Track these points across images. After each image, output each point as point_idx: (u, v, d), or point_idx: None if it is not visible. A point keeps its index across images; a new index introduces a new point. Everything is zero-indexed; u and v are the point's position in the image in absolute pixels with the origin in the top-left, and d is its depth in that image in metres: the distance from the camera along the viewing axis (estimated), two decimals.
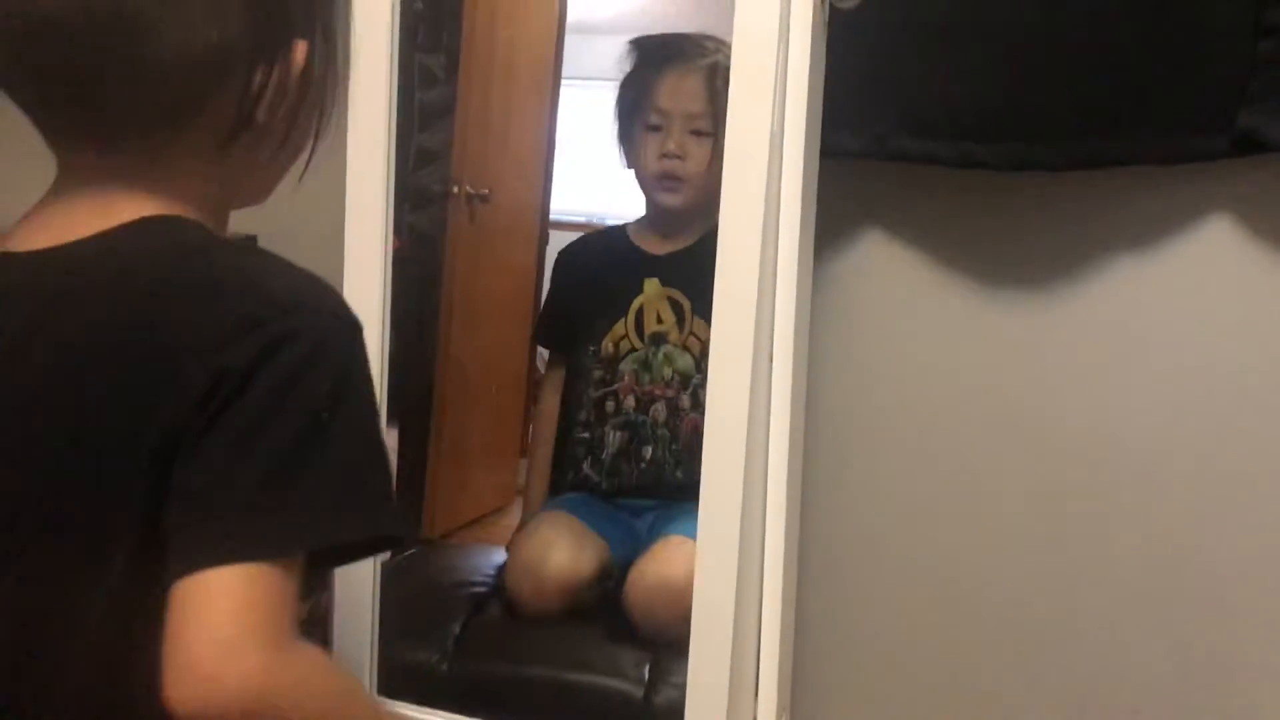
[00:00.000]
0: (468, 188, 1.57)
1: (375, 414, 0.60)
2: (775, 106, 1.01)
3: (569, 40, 1.73)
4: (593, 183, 1.87)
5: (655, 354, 1.30)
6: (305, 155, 0.67)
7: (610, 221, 1.71)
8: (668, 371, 1.30)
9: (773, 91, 1.01)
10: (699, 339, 1.28)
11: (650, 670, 1.18)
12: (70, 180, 0.62)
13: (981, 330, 1.18)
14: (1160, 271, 1.12)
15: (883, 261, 1.19)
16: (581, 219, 1.96)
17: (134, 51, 0.57)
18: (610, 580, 1.28)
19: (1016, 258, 1.17)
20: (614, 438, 1.32)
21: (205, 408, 0.55)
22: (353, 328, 0.59)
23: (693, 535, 1.17)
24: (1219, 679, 1.16)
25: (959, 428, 1.20)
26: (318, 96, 0.65)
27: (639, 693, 1.17)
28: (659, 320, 1.31)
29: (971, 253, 1.17)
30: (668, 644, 1.17)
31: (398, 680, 1.17)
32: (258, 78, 0.61)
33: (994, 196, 1.15)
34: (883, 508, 1.24)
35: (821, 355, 1.17)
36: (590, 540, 1.28)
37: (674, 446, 1.30)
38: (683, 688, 1.06)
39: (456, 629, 1.24)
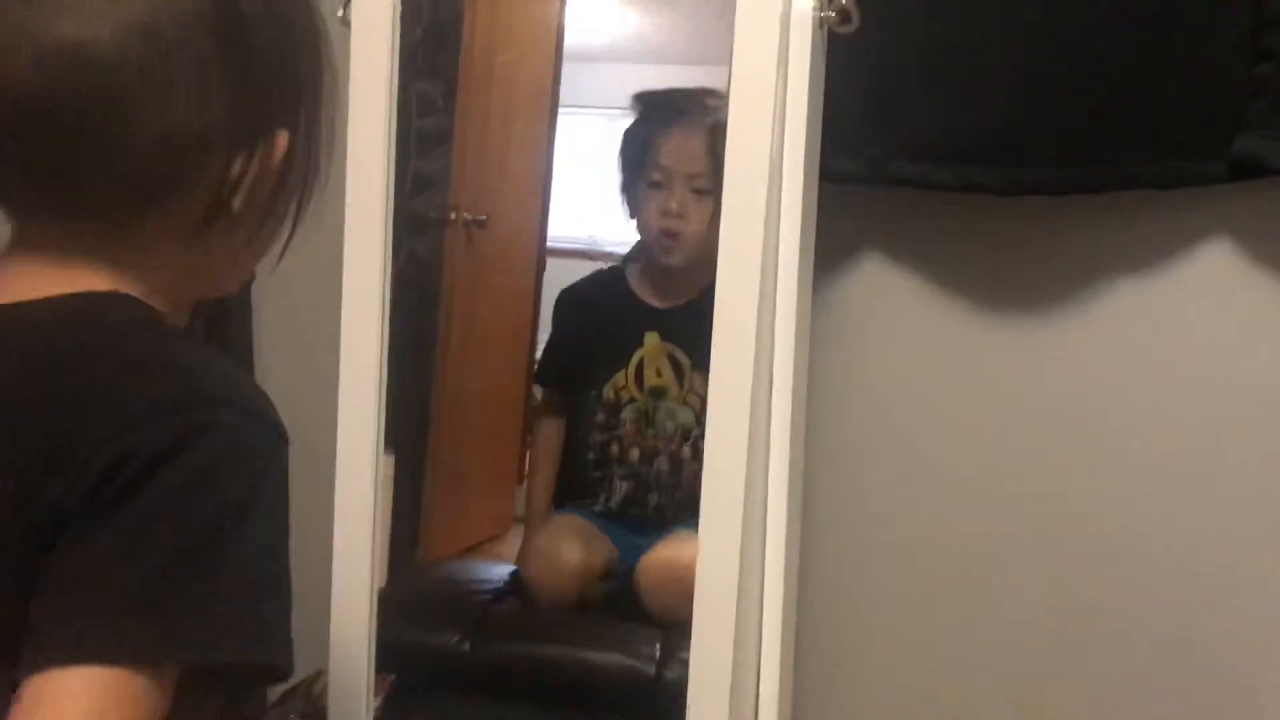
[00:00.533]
0: (465, 214, 1.57)
1: (285, 533, 0.56)
2: (774, 132, 1.02)
3: (566, 67, 1.74)
4: (589, 208, 1.87)
5: (656, 408, 1.33)
6: (280, 242, 0.67)
7: (608, 248, 1.71)
8: (670, 426, 1.33)
9: (772, 117, 1.02)
10: (698, 394, 1.31)
11: (661, 648, 1.23)
12: (29, 243, 0.60)
13: (981, 353, 1.19)
14: (1158, 295, 1.14)
15: (882, 285, 1.21)
16: (579, 245, 1.96)
17: (114, 132, 0.56)
18: (616, 581, 1.32)
19: (1015, 281, 1.18)
20: (620, 487, 1.36)
21: (99, 492, 0.51)
22: (278, 436, 0.57)
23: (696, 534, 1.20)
24: (1228, 686, 1.17)
25: (959, 449, 1.21)
26: (296, 186, 0.64)
27: (650, 669, 1.22)
28: (658, 375, 1.34)
29: (971, 276, 1.18)
30: (675, 623, 1.19)
31: (421, 661, 1.23)
32: (236, 166, 0.60)
33: (993, 220, 1.16)
34: (883, 528, 1.25)
35: (821, 379, 1.18)
36: (599, 538, 1.34)
37: (677, 493, 1.33)
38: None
39: (476, 614, 1.31)
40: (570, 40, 1.74)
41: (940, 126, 1.12)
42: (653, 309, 1.36)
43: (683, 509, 1.32)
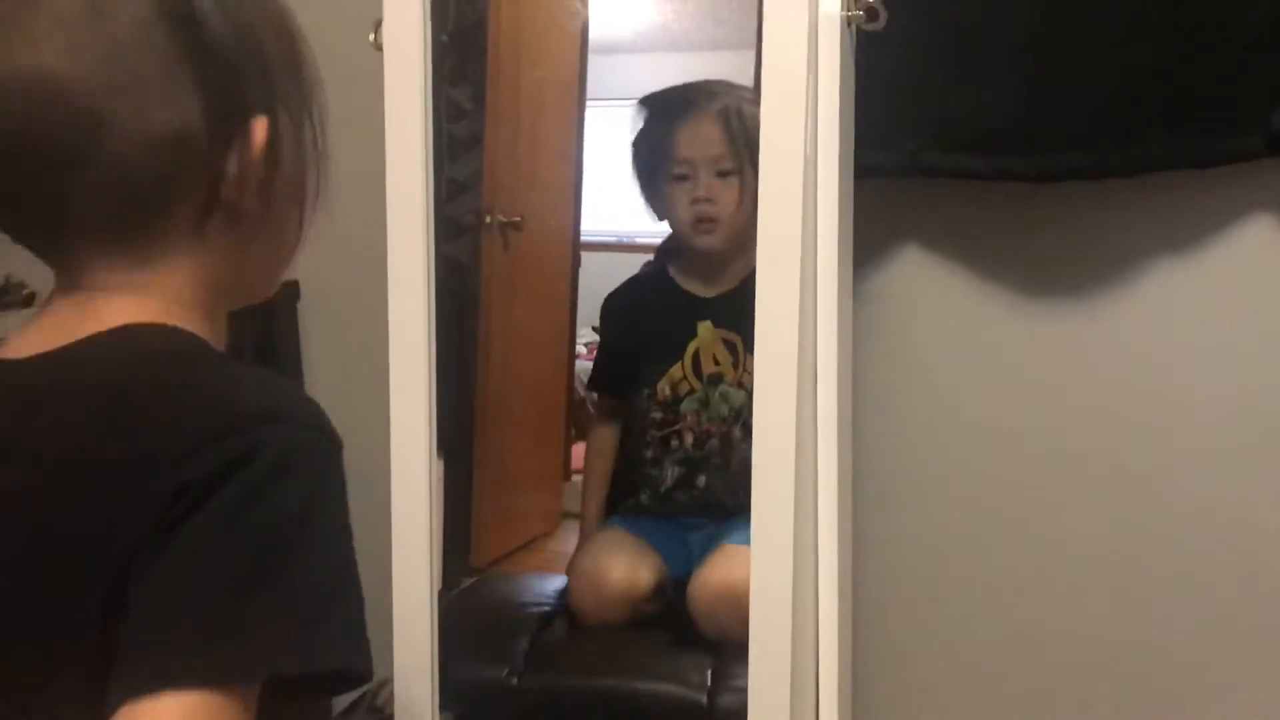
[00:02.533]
0: (500, 216, 1.60)
1: (348, 536, 0.57)
2: (807, 132, 1.03)
3: (590, 61, 1.76)
4: (619, 202, 1.90)
5: (713, 394, 1.35)
6: (296, 242, 0.67)
7: (641, 240, 1.74)
8: (724, 410, 1.35)
9: (804, 118, 1.03)
10: (751, 375, 1.33)
11: (712, 675, 1.24)
12: (63, 286, 0.62)
13: (1021, 339, 1.21)
14: (1200, 275, 1.14)
15: (921, 276, 1.22)
16: (611, 238, 1.99)
17: (92, 146, 0.58)
18: (666, 595, 1.33)
19: (1053, 267, 1.19)
20: (672, 472, 1.38)
21: (163, 523, 0.53)
22: (330, 441, 0.57)
23: (748, 543, 1.22)
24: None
25: (1005, 437, 1.23)
26: (292, 175, 0.65)
27: (702, 698, 1.22)
28: (715, 362, 1.36)
29: (1008, 264, 1.20)
30: (731, 646, 1.21)
31: (468, 697, 1.23)
32: (219, 157, 0.60)
33: (1028, 207, 1.17)
34: (930, 516, 1.27)
35: (865, 371, 1.21)
36: (647, 554, 1.34)
37: (727, 475, 1.35)
38: (744, 691, 1.09)
39: (524, 644, 1.31)
40: (593, 33, 1.76)
41: (971, 116, 1.13)
42: (701, 299, 1.38)
43: (731, 490, 1.34)
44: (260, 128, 0.62)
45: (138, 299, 0.61)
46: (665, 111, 1.38)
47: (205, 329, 0.63)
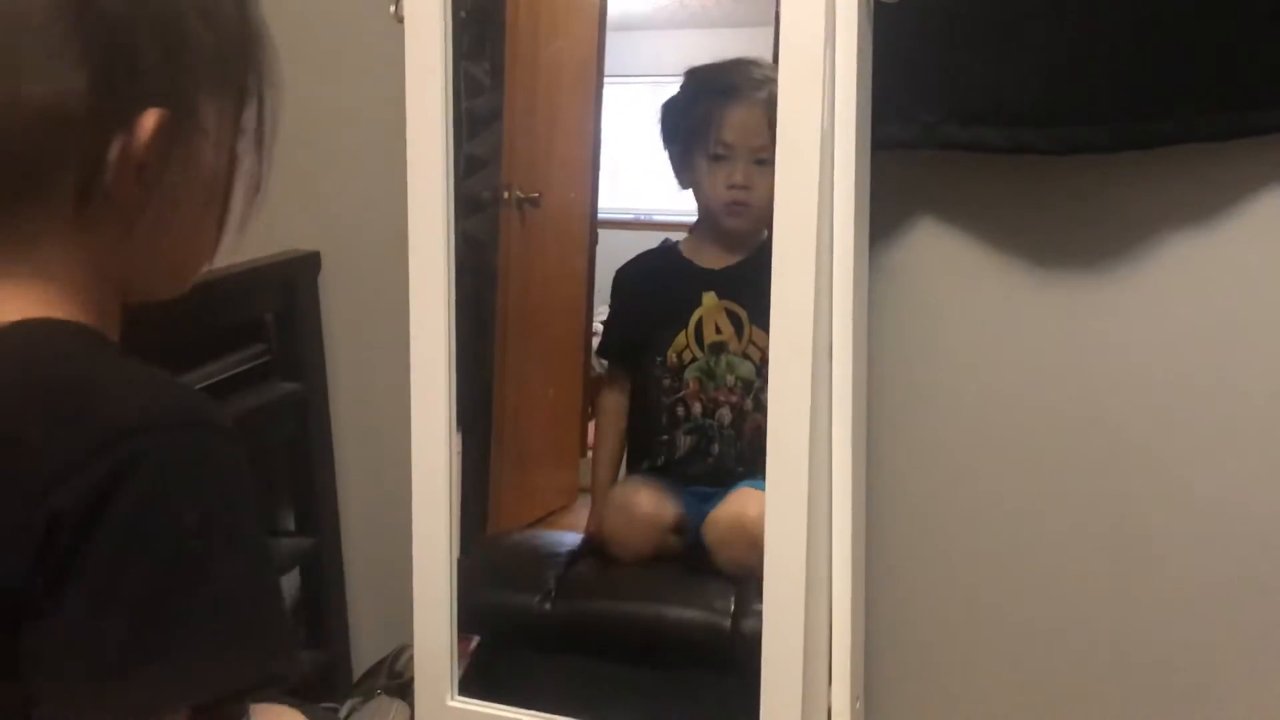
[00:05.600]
0: (518, 192, 1.61)
1: (254, 531, 0.55)
2: (825, 102, 1.05)
3: (608, 38, 1.77)
4: (637, 180, 1.91)
5: (717, 362, 1.39)
6: (214, 240, 0.64)
7: (658, 218, 1.75)
8: (730, 379, 1.39)
9: (821, 88, 1.05)
10: (758, 347, 1.36)
11: (735, 601, 1.29)
12: None
13: (1039, 315, 1.21)
14: (1220, 250, 1.14)
15: (937, 250, 1.23)
16: (628, 216, 2.00)
17: None
18: (688, 535, 1.39)
19: (1071, 241, 1.19)
20: (684, 441, 1.42)
21: (45, 560, 0.49)
22: (216, 435, 0.54)
23: (759, 488, 1.24)
24: None
25: (1021, 412, 1.24)
26: (211, 171, 0.61)
27: (725, 622, 1.28)
28: (718, 331, 1.39)
29: (1026, 238, 1.20)
30: (747, 576, 1.26)
31: (499, 621, 1.31)
32: (98, 143, 0.56)
33: (1046, 181, 1.18)
34: (945, 493, 1.28)
35: (880, 345, 1.22)
36: (668, 496, 1.40)
37: (739, 444, 1.39)
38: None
39: (554, 575, 1.38)
40: (611, 10, 1.76)
41: (989, 88, 1.14)
42: (708, 270, 1.42)
43: (744, 460, 1.38)
44: (151, 118, 0.57)
45: (20, 289, 0.58)
46: (711, 89, 1.40)
47: (86, 310, 0.60)
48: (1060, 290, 1.20)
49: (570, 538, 1.48)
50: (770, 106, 1.34)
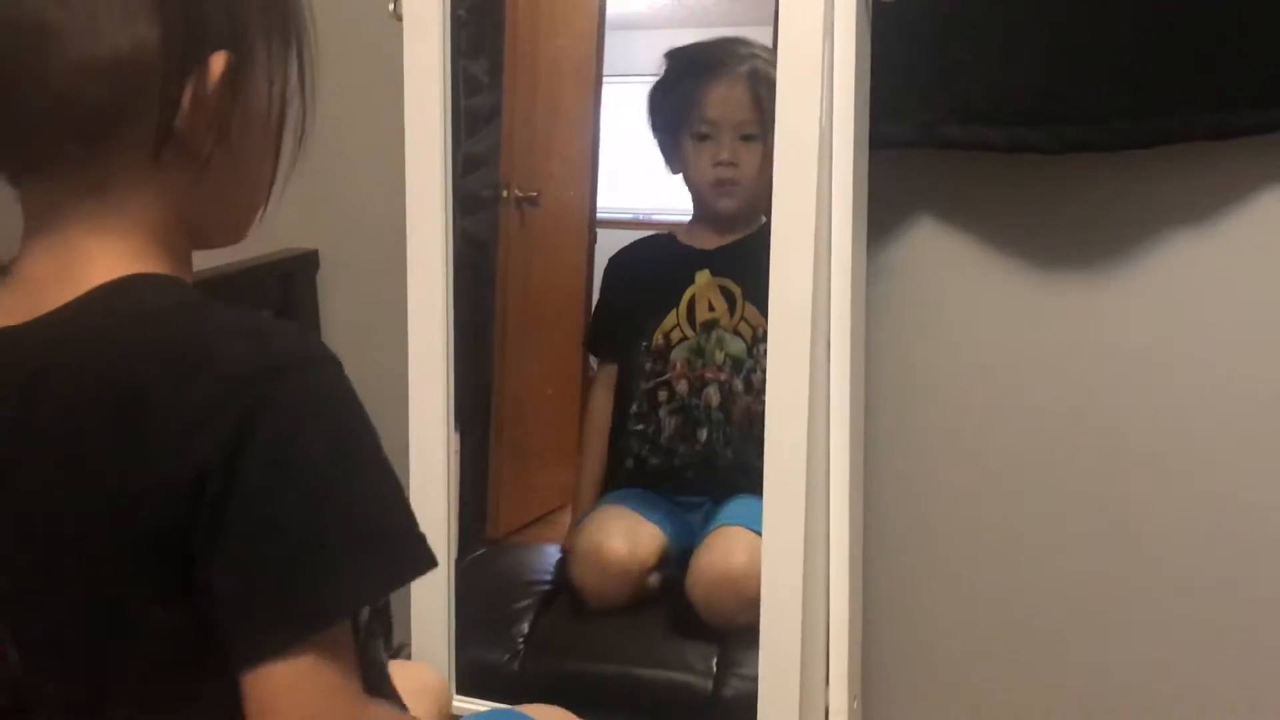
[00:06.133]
0: (517, 191, 1.62)
1: (375, 441, 0.59)
2: (823, 101, 1.06)
3: (607, 37, 1.77)
4: (636, 179, 1.91)
5: (707, 339, 1.37)
6: (269, 183, 0.67)
7: (657, 217, 1.75)
8: (720, 355, 1.36)
9: (820, 86, 1.05)
10: (749, 324, 1.34)
11: (718, 663, 1.23)
12: (31, 230, 0.62)
13: (1036, 313, 1.21)
14: (1218, 248, 1.15)
15: (935, 249, 1.23)
16: (628, 215, 2.00)
17: (40, 62, 0.57)
18: (669, 567, 1.33)
19: (1069, 241, 1.19)
20: (669, 422, 1.38)
21: (200, 502, 0.55)
22: (327, 365, 0.58)
23: (747, 524, 1.23)
24: None
25: (1018, 411, 1.24)
26: (265, 114, 0.64)
27: (708, 685, 1.21)
28: (710, 308, 1.38)
29: (1025, 236, 1.21)
30: (733, 632, 1.22)
31: (471, 680, 1.23)
32: (173, 88, 0.60)
33: (1045, 179, 1.18)
34: (943, 492, 1.28)
35: (877, 344, 1.22)
36: (646, 527, 1.34)
37: (727, 429, 1.36)
38: (750, 679, 1.11)
39: (525, 628, 1.30)
40: (610, 9, 1.77)
41: (989, 87, 1.14)
42: (702, 251, 1.41)
43: (734, 446, 1.35)
44: (219, 61, 0.61)
45: (108, 241, 0.61)
46: (692, 67, 1.39)
47: (172, 258, 0.64)
48: (1059, 289, 1.20)
49: (551, 561, 1.43)
50: (754, 81, 1.34)
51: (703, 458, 1.38)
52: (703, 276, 1.38)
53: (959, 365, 1.25)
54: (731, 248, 1.38)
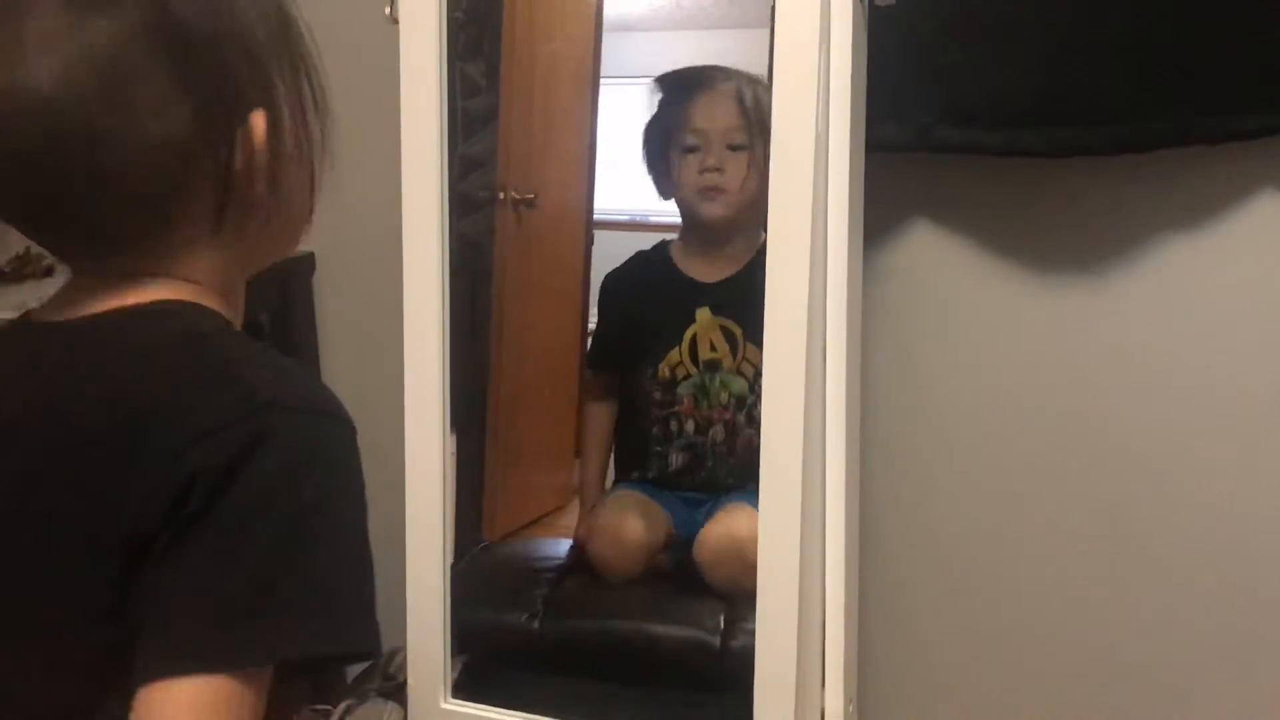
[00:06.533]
0: (514, 193, 1.62)
1: (363, 517, 0.60)
2: (819, 104, 1.05)
3: (605, 39, 1.77)
4: (633, 181, 1.91)
5: (711, 380, 1.39)
6: (311, 200, 0.70)
7: (654, 219, 1.75)
8: (724, 397, 1.39)
9: (816, 90, 1.05)
10: (752, 364, 1.36)
11: (725, 619, 1.28)
12: (83, 272, 0.65)
13: (1032, 316, 1.22)
14: (1213, 253, 1.15)
15: (932, 252, 1.24)
16: (624, 217, 2.00)
17: (92, 164, 0.59)
18: (678, 550, 1.38)
19: (1066, 244, 1.20)
20: (677, 459, 1.42)
21: (180, 509, 0.55)
22: (345, 428, 0.60)
23: (750, 504, 1.22)
24: None
25: (1015, 414, 1.25)
26: (296, 145, 0.66)
27: (715, 640, 1.27)
28: (712, 349, 1.39)
29: (1021, 240, 1.21)
30: (738, 594, 1.26)
31: (487, 641, 1.28)
32: (222, 158, 0.62)
33: (1041, 183, 1.19)
34: (940, 495, 1.29)
35: (874, 347, 1.22)
36: (657, 511, 1.40)
37: (731, 461, 1.40)
38: (754, 634, 1.13)
39: (543, 593, 1.37)
40: (607, 11, 1.77)
41: (985, 90, 1.15)
42: (701, 285, 1.41)
43: (735, 474, 1.38)
44: (259, 120, 0.63)
45: (164, 283, 0.63)
46: (679, 87, 1.42)
47: (225, 305, 0.66)
48: (1056, 293, 1.21)
49: (560, 547, 1.48)
50: (740, 94, 1.36)
51: (706, 480, 1.42)
52: (704, 315, 1.40)
53: (955, 368, 1.25)
54: (730, 284, 1.39)
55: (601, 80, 1.74)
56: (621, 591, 1.36)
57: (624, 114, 1.80)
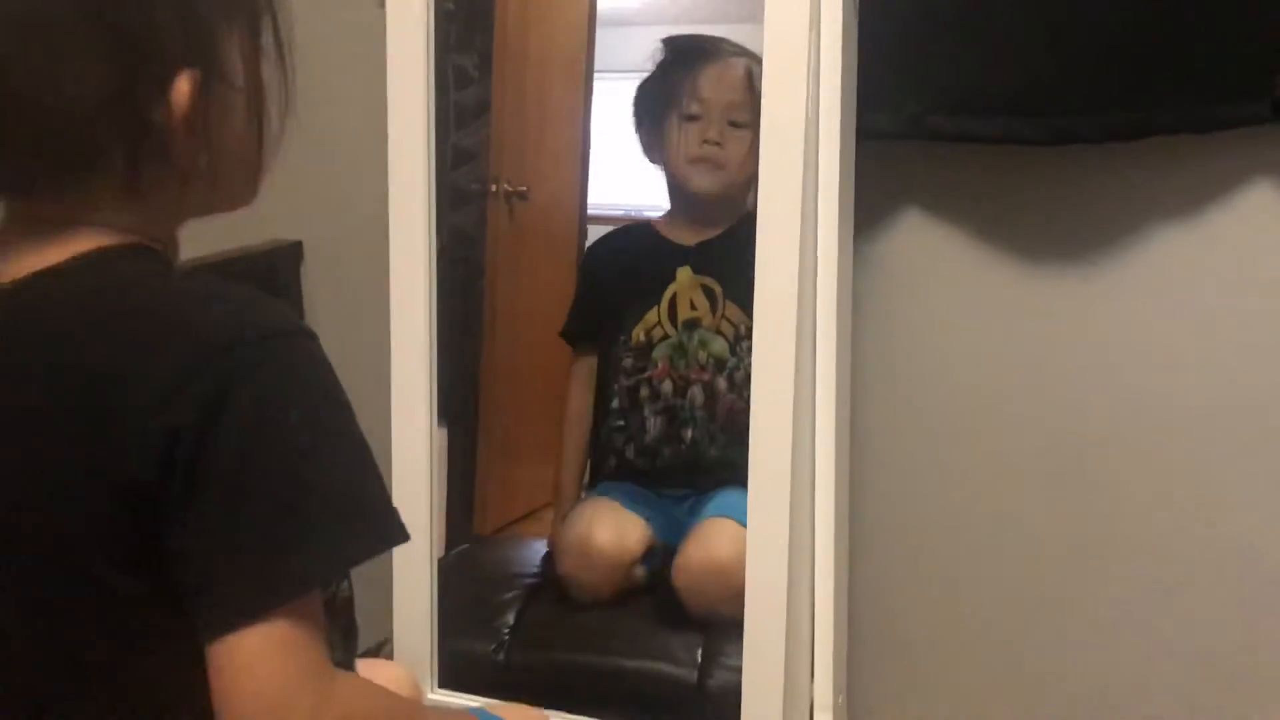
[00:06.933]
0: (506, 186, 1.62)
1: (352, 418, 0.60)
2: (809, 92, 1.05)
3: (598, 33, 1.77)
4: (628, 175, 1.91)
5: (689, 339, 1.36)
6: (260, 152, 0.67)
7: (648, 214, 1.75)
8: (703, 355, 1.36)
9: (806, 77, 1.05)
10: (731, 322, 1.35)
11: (703, 653, 1.23)
12: (13, 219, 0.64)
13: (1024, 307, 1.22)
14: (1204, 242, 1.15)
15: (922, 241, 1.23)
16: (618, 212, 2.00)
17: (7, 120, 0.59)
18: (656, 559, 1.34)
19: (1057, 233, 1.20)
20: (654, 423, 1.38)
21: (172, 469, 0.55)
22: (303, 338, 0.59)
23: (733, 515, 1.23)
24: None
25: (1005, 405, 1.24)
26: (245, 107, 0.65)
27: (692, 676, 1.22)
28: (692, 307, 1.38)
29: (1012, 229, 1.21)
30: (718, 623, 1.22)
31: (455, 672, 1.23)
32: (142, 115, 0.61)
33: (1032, 172, 1.18)
34: (931, 487, 1.28)
35: (863, 337, 1.22)
36: (633, 521, 1.35)
37: (712, 427, 1.37)
38: (736, 670, 1.11)
39: (511, 619, 1.31)
40: (601, 5, 1.77)
41: (977, 79, 1.14)
42: (683, 247, 1.40)
43: (719, 444, 1.36)
44: (185, 83, 0.61)
45: (79, 233, 0.62)
46: (688, 51, 1.40)
47: (166, 240, 0.65)
48: (1049, 283, 1.20)
49: (537, 555, 1.43)
50: (749, 69, 1.34)
51: (689, 458, 1.38)
52: (684, 274, 1.38)
53: (946, 358, 1.25)
54: (712, 244, 1.38)
55: (595, 73, 1.74)
56: (592, 617, 1.30)
57: (617, 109, 1.79)
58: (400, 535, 0.61)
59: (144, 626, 0.59)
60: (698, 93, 1.37)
